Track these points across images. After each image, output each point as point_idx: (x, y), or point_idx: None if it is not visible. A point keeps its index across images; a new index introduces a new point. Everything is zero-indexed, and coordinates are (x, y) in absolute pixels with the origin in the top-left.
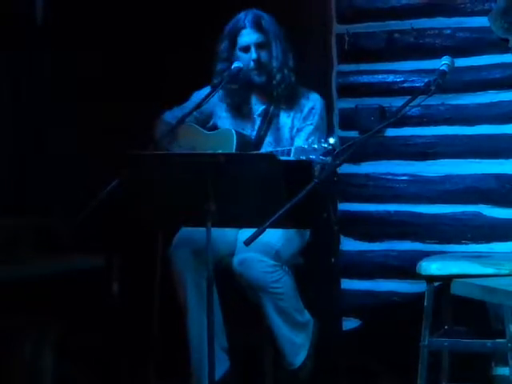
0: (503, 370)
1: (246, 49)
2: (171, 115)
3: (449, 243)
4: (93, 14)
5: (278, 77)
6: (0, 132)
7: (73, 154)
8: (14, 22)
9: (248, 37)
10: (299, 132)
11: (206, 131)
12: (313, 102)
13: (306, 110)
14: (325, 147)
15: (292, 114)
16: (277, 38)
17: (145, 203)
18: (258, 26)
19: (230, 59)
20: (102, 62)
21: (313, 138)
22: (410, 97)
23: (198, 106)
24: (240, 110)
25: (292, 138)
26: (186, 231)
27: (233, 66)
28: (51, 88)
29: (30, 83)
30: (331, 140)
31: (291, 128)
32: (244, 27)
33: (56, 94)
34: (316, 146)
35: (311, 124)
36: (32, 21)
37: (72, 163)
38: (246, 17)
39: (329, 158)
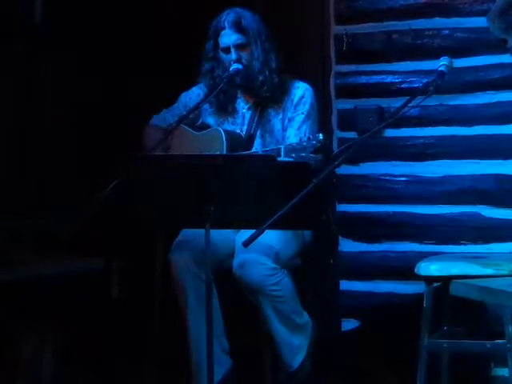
0: (502, 371)
1: (227, 50)
2: (160, 118)
3: (448, 244)
4: (92, 14)
5: (260, 78)
6: (0, 132)
7: (73, 154)
8: (12, 22)
9: (227, 38)
10: (291, 122)
11: (194, 132)
12: (302, 90)
13: (296, 98)
14: (314, 144)
15: (282, 104)
16: (258, 38)
17: (144, 205)
18: (237, 26)
19: (216, 59)
20: (102, 62)
21: (305, 127)
22: (408, 97)
23: (195, 108)
24: (226, 107)
25: (285, 129)
26: (185, 234)
27: (231, 68)
28: (51, 88)
29: (29, 83)
30: (320, 136)
31: (282, 119)
32: (223, 28)
33: (55, 94)
34: (305, 144)
35: (302, 113)
36: (30, 20)
37: (72, 164)
38: (226, 17)
39: (319, 156)
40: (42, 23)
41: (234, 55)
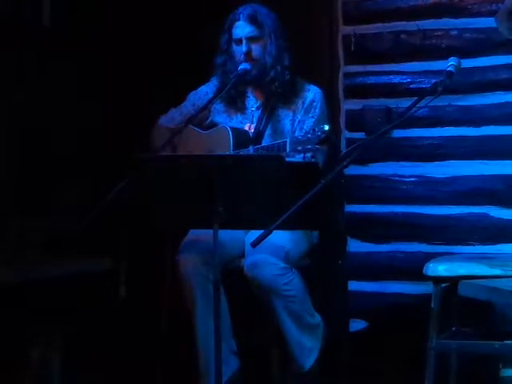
0: (511, 372)
1: (239, 41)
2: (168, 118)
3: (456, 244)
4: (99, 15)
5: (272, 73)
6: (7, 133)
7: (79, 155)
8: (20, 23)
9: (240, 29)
10: (301, 125)
11: (201, 131)
12: (313, 93)
13: (307, 101)
14: (318, 135)
15: (293, 106)
16: (272, 33)
17: (152, 205)
18: (252, 19)
19: (229, 52)
20: (107, 63)
21: None
22: (416, 98)
23: (205, 107)
24: (236, 104)
25: (294, 131)
26: (194, 234)
27: (239, 68)
28: (57, 89)
29: (36, 84)
30: (325, 127)
31: (293, 120)
32: (238, 19)
33: (61, 94)
34: (310, 136)
35: (312, 117)
36: (38, 22)
37: (78, 165)
38: (242, 10)
39: (324, 147)
40: (49, 24)
41: (244, 47)
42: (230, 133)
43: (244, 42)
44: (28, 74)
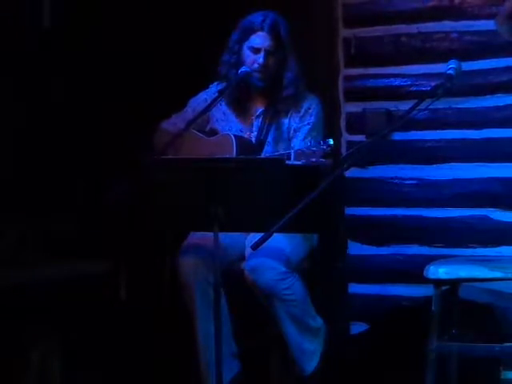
0: (511, 375)
1: (256, 50)
2: (169, 123)
3: (456, 247)
4: (99, 15)
5: (291, 91)
6: (6, 134)
7: (80, 156)
8: (20, 23)
9: (262, 40)
10: (296, 132)
11: (205, 137)
12: (309, 102)
13: (302, 110)
14: (324, 149)
15: (290, 114)
16: (291, 48)
17: (153, 207)
18: (275, 32)
19: (238, 53)
20: (108, 63)
21: (309, 138)
22: (417, 101)
23: (207, 110)
24: (237, 111)
25: (289, 139)
26: (194, 237)
27: (240, 71)
28: (56, 90)
29: (35, 84)
30: (330, 141)
31: (288, 128)
32: (261, 29)
33: (61, 95)
34: (315, 149)
35: (308, 124)
36: (38, 22)
37: (79, 166)
38: (265, 19)
39: (329, 160)
40: (50, 25)
41: (261, 59)
42: (234, 140)
43: (263, 53)
44: (28, 74)
